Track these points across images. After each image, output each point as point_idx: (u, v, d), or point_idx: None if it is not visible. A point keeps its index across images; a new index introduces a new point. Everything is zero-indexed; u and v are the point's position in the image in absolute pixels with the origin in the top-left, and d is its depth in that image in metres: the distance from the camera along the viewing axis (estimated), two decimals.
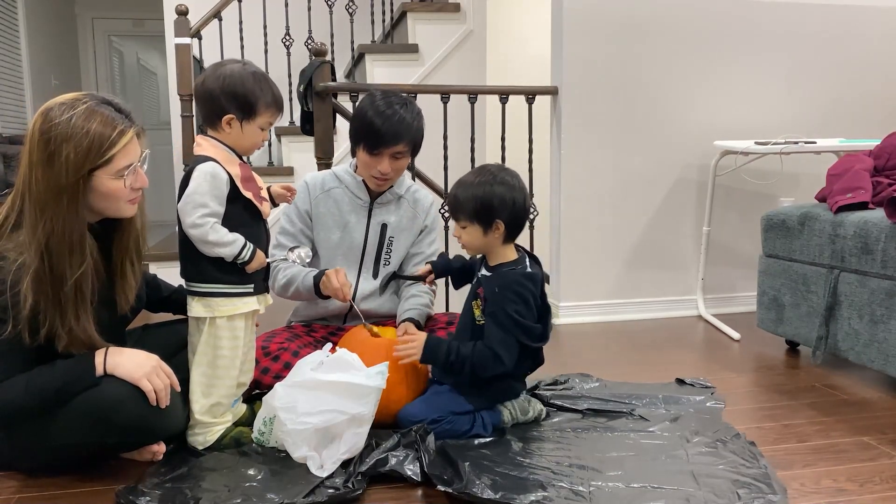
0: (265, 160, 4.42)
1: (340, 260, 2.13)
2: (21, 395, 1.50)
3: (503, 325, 1.79)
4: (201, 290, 1.70)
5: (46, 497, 1.57)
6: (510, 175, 1.84)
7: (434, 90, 3.21)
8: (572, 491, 1.52)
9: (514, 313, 1.79)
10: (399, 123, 2.02)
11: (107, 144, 1.49)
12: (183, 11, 3.92)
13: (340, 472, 1.59)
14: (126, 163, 1.53)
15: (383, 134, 2.01)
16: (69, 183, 1.47)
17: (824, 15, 3.31)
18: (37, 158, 1.47)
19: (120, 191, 1.54)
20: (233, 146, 1.72)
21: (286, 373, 1.97)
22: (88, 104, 1.50)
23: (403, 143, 2.04)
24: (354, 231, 2.14)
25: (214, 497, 1.50)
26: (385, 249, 2.16)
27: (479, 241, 1.85)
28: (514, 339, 1.79)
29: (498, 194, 1.79)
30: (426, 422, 1.75)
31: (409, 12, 4.27)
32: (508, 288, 1.80)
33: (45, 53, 6.24)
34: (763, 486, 1.56)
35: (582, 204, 3.19)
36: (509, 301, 1.79)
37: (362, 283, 2.16)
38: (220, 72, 1.69)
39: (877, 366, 2.20)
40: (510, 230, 1.83)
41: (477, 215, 1.81)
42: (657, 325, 3.17)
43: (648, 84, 3.19)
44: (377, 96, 2.07)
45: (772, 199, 3.29)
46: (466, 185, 1.84)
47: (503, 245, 1.86)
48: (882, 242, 2.15)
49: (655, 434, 1.86)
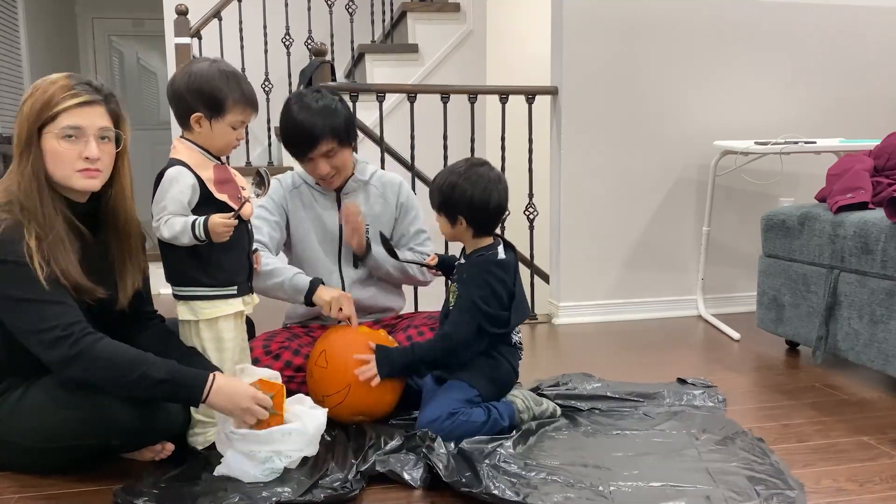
0: (265, 160, 4.43)
1: (320, 255, 2.12)
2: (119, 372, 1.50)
3: (464, 309, 1.83)
4: (184, 293, 1.70)
5: (46, 497, 1.57)
6: (481, 171, 1.82)
7: (434, 90, 3.21)
8: (593, 491, 1.52)
9: (479, 299, 1.81)
10: (312, 124, 1.96)
11: (56, 100, 1.53)
12: (183, 11, 3.92)
13: (338, 471, 1.59)
14: (70, 123, 1.53)
15: (300, 141, 1.98)
16: (27, 137, 1.53)
17: (824, 15, 3.30)
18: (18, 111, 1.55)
19: (64, 153, 1.54)
20: (206, 147, 1.69)
21: (288, 372, 1.98)
22: (65, 75, 1.57)
23: (326, 140, 1.99)
24: (328, 224, 2.13)
25: (212, 497, 1.50)
26: None
27: (449, 231, 1.88)
28: (473, 322, 1.81)
29: (459, 190, 1.80)
30: (443, 417, 1.73)
31: (409, 12, 4.27)
32: (476, 275, 1.83)
33: (45, 53, 6.24)
34: (778, 482, 1.57)
35: (582, 204, 3.19)
36: (474, 287, 1.82)
37: (345, 273, 2.14)
38: (188, 69, 1.68)
39: (877, 366, 2.20)
40: (475, 226, 1.84)
41: (441, 208, 1.85)
42: (657, 325, 3.17)
43: (648, 84, 3.19)
44: (292, 100, 2.02)
45: (772, 199, 3.29)
46: (438, 175, 1.87)
47: (475, 238, 1.88)
48: (882, 242, 2.15)
49: (663, 433, 1.86)
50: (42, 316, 1.49)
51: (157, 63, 7.91)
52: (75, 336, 1.49)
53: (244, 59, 4.23)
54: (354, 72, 4.58)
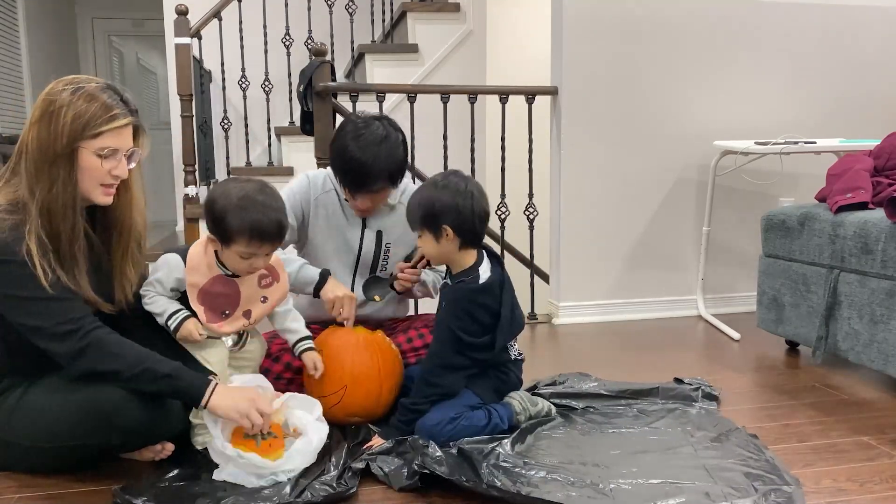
0: (265, 160, 4.43)
1: (335, 264, 2.08)
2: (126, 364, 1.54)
3: (440, 338, 1.82)
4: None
5: (46, 497, 1.57)
6: (460, 180, 1.80)
7: (434, 90, 3.21)
8: (594, 489, 1.52)
9: (457, 329, 1.77)
10: (370, 167, 1.93)
11: (100, 121, 1.54)
12: (183, 11, 3.92)
13: (333, 469, 1.60)
14: (110, 144, 1.56)
15: (354, 179, 1.96)
16: (62, 149, 1.53)
17: (824, 15, 3.30)
18: (37, 118, 1.54)
19: (97, 170, 1.56)
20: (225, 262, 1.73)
21: (288, 374, 1.98)
22: (98, 85, 1.58)
23: (380, 183, 1.97)
24: (349, 238, 2.09)
25: (212, 497, 1.50)
26: (382, 257, 2.11)
27: (434, 249, 1.81)
28: (448, 351, 1.78)
29: (441, 198, 1.76)
30: (444, 422, 1.73)
31: (409, 12, 4.27)
32: (455, 304, 1.79)
33: (45, 53, 6.24)
34: (775, 477, 1.58)
35: (582, 204, 3.19)
36: (453, 317, 1.79)
37: (356, 291, 2.10)
38: (215, 190, 1.72)
39: (877, 366, 2.20)
40: (462, 235, 1.78)
41: (424, 222, 1.79)
42: (657, 325, 3.17)
43: (648, 84, 3.19)
44: (349, 133, 1.96)
45: (772, 199, 3.29)
46: (415, 192, 1.84)
47: (461, 252, 1.81)
48: (882, 242, 2.15)
49: (659, 430, 1.87)
50: (50, 312, 1.52)
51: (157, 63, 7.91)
52: (85, 329, 1.53)
53: (244, 59, 4.23)
54: (354, 72, 4.58)
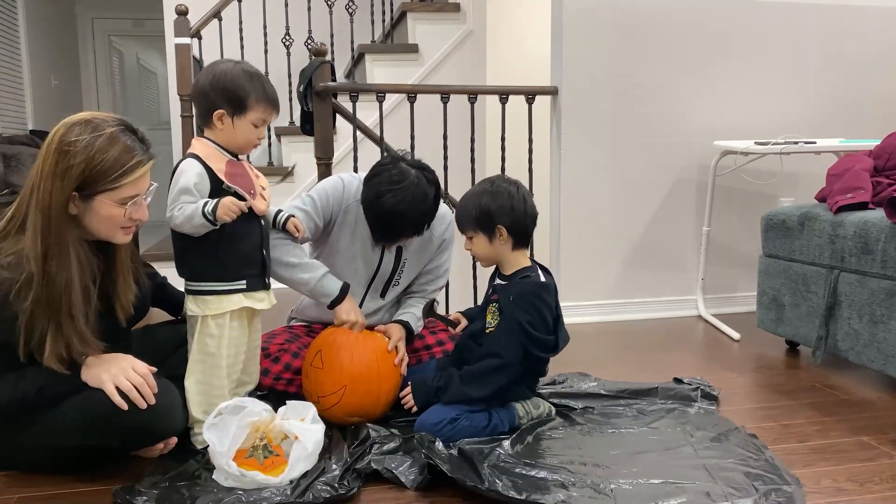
0: (265, 160, 4.42)
1: (349, 274, 2.05)
2: (9, 391, 1.53)
3: (511, 332, 1.79)
4: (193, 288, 1.72)
5: (46, 497, 1.57)
6: (510, 183, 1.87)
7: (434, 90, 3.20)
8: (594, 489, 1.53)
9: (527, 324, 1.78)
10: (401, 224, 1.93)
11: (119, 172, 1.52)
12: (183, 11, 3.92)
13: (335, 469, 1.60)
14: (132, 193, 1.56)
15: (382, 232, 1.97)
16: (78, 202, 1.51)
17: (824, 15, 3.30)
18: (49, 169, 1.49)
19: (118, 218, 1.57)
20: (226, 145, 1.72)
21: (287, 374, 1.98)
22: (114, 130, 1.53)
23: (406, 236, 2.00)
24: (369, 253, 2.06)
25: (211, 496, 1.50)
26: (398, 272, 2.11)
27: (486, 250, 1.86)
28: (520, 346, 1.78)
29: (496, 199, 1.82)
30: (445, 422, 1.73)
31: (409, 12, 4.27)
32: (523, 298, 1.81)
33: (45, 53, 6.24)
34: (775, 477, 1.58)
35: (582, 204, 3.19)
36: (522, 311, 1.79)
37: (368, 301, 2.10)
38: (212, 69, 1.71)
39: (877, 366, 2.20)
40: (515, 235, 1.84)
41: (478, 223, 1.83)
42: (657, 325, 3.17)
43: (648, 84, 3.18)
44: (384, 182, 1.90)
45: (772, 199, 3.29)
46: (467, 196, 1.88)
47: (513, 252, 1.87)
48: (882, 242, 2.15)
49: (658, 430, 1.87)
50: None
51: (157, 63, 7.91)
52: None
53: (244, 59, 4.23)
54: (354, 72, 4.58)
